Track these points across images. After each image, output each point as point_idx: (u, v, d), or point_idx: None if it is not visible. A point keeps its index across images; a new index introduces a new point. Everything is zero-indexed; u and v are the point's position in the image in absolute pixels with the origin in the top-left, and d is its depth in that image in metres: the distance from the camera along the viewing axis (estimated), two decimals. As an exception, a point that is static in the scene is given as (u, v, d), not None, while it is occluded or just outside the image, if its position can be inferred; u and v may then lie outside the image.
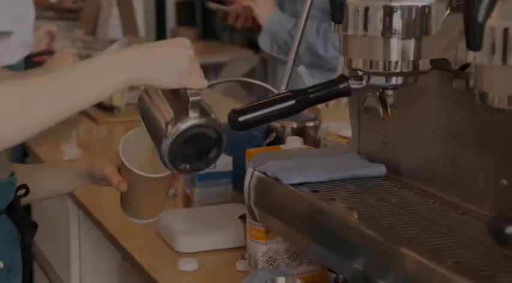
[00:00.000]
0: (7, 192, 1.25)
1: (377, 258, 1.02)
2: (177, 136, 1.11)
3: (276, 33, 2.44)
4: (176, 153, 1.13)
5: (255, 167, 1.29)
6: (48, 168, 1.43)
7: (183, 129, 1.11)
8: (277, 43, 2.45)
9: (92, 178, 1.35)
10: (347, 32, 1.09)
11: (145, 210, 1.32)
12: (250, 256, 1.36)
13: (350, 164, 1.28)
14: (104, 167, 1.30)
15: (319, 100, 1.11)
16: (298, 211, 1.17)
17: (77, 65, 1.09)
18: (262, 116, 1.10)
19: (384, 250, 1.00)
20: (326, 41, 2.37)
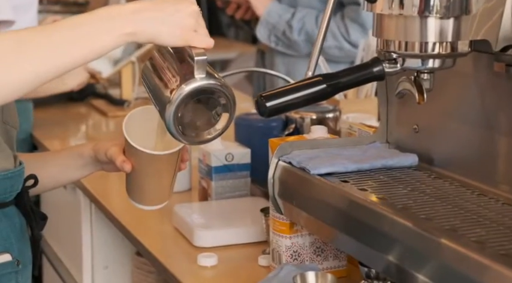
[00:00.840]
0: (14, 182, 1.20)
1: (415, 250, 0.96)
2: (182, 99, 1.01)
3: (274, 25, 2.39)
4: (182, 119, 1.02)
5: (280, 157, 1.23)
6: (51, 156, 1.38)
7: (188, 91, 1.00)
8: (275, 34, 2.40)
9: (97, 164, 1.29)
10: (381, 11, 1.03)
11: (151, 194, 1.24)
12: (274, 250, 1.30)
13: (379, 154, 1.22)
14: (108, 149, 1.24)
15: (351, 84, 1.06)
16: (327, 203, 1.11)
17: (75, 18, 0.99)
18: (291, 101, 1.04)
19: (424, 242, 0.94)
20: (301, 27, 2.33)
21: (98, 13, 0.99)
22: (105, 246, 1.81)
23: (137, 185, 1.23)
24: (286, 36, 2.37)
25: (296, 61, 2.39)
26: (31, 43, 0.96)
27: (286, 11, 2.38)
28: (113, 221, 1.63)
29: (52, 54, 0.96)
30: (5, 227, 1.19)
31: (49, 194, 1.42)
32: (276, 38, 2.40)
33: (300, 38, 2.35)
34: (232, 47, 5.33)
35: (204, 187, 1.65)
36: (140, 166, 1.20)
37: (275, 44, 2.40)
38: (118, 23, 0.98)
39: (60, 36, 0.97)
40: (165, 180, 1.22)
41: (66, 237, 1.94)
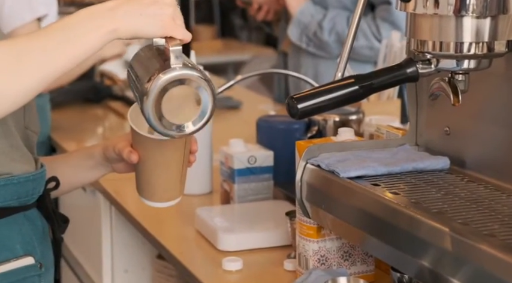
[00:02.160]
0: (36, 185, 1.19)
1: (452, 255, 0.93)
2: (159, 88, 0.99)
3: (306, 25, 2.37)
4: (161, 111, 1.01)
5: (307, 160, 1.21)
6: (64, 158, 1.36)
7: (164, 79, 0.99)
8: (307, 35, 2.38)
9: (107, 164, 1.28)
10: (415, 10, 1.00)
11: (160, 188, 1.20)
12: (300, 255, 1.27)
13: (409, 157, 1.20)
14: (115, 144, 1.23)
15: (384, 86, 1.03)
16: (359, 206, 1.09)
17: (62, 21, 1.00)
18: (322, 103, 1.02)
19: (462, 248, 0.92)
20: (332, 28, 2.30)
21: (80, 14, 1.00)
22: (125, 250, 1.80)
23: (145, 179, 1.20)
24: (317, 36, 2.35)
25: (325, 63, 2.36)
26: (28, 52, 0.98)
27: (318, 11, 2.35)
28: (134, 224, 1.61)
29: (48, 59, 0.98)
30: (28, 230, 1.18)
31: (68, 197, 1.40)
32: (307, 38, 2.37)
33: (331, 38, 2.32)
34: (246, 49, 5.32)
35: (226, 190, 1.63)
36: (147, 156, 1.17)
37: (306, 45, 2.38)
38: (99, 22, 0.99)
39: (51, 42, 0.99)
40: (174, 172, 1.19)
41: (85, 240, 1.92)
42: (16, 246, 1.15)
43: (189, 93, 1.02)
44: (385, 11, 2.25)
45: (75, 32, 0.98)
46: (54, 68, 0.99)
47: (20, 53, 0.97)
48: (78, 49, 0.99)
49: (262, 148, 1.63)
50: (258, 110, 2.50)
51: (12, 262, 1.14)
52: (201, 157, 1.68)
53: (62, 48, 0.98)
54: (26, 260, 1.16)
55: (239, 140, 1.62)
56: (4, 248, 1.14)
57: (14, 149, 1.17)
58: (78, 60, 1.00)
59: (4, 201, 1.14)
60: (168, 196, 1.21)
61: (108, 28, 0.99)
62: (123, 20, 1.00)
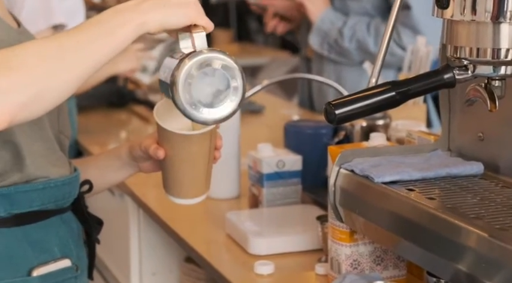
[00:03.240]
0: (72, 188, 1.21)
1: (490, 260, 0.94)
2: (185, 72, 1.01)
3: (326, 32, 2.37)
4: (192, 96, 1.01)
5: (341, 165, 1.22)
6: (91, 160, 1.38)
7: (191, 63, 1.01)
8: (328, 42, 2.38)
9: (134, 164, 1.29)
10: (452, 17, 1.01)
11: (186, 184, 1.21)
12: (333, 259, 1.28)
13: (442, 162, 1.21)
14: (141, 142, 1.24)
15: (420, 92, 1.04)
16: (394, 211, 1.10)
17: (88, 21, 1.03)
18: (360, 109, 1.03)
19: (500, 252, 0.92)
20: (377, 37, 2.30)
21: (108, 12, 1.03)
22: (153, 252, 1.81)
23: (171, 175, 1.21)
24: (338, 43, 2.35)
25: (347, 69, 2.37)
26: (68, 47, 0.99)
27: (339, 18, 2.35)
28: (163, 227, 1.62)
29: (86, 54, 1.00)
30: (64, 233, 1.20)
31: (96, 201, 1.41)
32: (328, 46, 2.37)
33: (351, 45, 2.33)
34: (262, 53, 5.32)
35: (254, 194, 1.64)
36: (173, 152, 1.18)
37: (328, 52, 2.38)
38: (128, 17, 1.02)
39: (88, 37, 1.00)
40: (199, 168, 1.19)
41: (113, 243, 1.94)
42: (54, 248, 1.17)
43: (218, 75, 1.03)
44: (405, 16, 2.25)
45: (108, 26, 1.01)
46: (93, 62, 1.00)
47: (62, 48, 0.99)
48: (113, 43, 1.01)
49: (291, 153, 1.64)
50: (280, 115, 2.51)
51: (50, 265, 1.16)
52: (229, 161, 1.70)
53: (98, 42, 1.00)
54: (63, 262, 1.18)
55: (267, 145, 1.63)
56: (42, 250, 1.16)
57: (51, 153, 1.18)
58: (113, 54, 1.02)
59: (42, 204, 1.16)
60: (194, 193, 1.22)
61: (137, 22, 1.02)
62: (150, 13, 1.02)
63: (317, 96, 2.48)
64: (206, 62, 1.02)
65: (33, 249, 1.15)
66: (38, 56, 0.97)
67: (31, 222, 1.15)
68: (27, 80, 0.95)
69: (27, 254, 1.14)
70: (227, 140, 1.67)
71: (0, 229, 1.13)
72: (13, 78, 0.95)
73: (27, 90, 0.95)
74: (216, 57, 1.02)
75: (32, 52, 0.97)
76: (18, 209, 1.14)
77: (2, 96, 0.94)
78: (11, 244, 1.13)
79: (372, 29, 2.32)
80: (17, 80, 0.95)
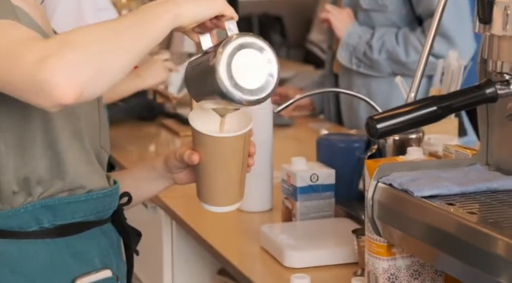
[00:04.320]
0: (112, 200, 1.23)
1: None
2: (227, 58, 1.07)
3: (354, 46, 2.38)
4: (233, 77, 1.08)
5: (379, 179, 1.22)
6: (126, 172, 1.40)
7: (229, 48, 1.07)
8: (356, 56, 2.39)
9: (169, 176, 1.30)
10: (494, 32, 1.02)
11: (220, 191, 1.22)
12: (370, 272, 1.28)
13: (481, 176, 1.21)
14: (176, 151, 1.26)
15: (462, 106, 1.05)
16: (434, 225, 1.10)
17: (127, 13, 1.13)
18: (401, 123, 1.04)
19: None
20: (407, 46, 2.30)
21: (146, 5, 1.11)
22: (186, 265, 1.82)
23: (205, 181, 1.22)
24: (367, 56, 2.35)
25: (376, 82, 2.38)
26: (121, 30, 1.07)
27: (365, 31, 2.36)
28: (196, 239, 1.63)
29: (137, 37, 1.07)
30: (105, 244, 1.22)
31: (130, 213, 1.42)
32: (357, 60, 2.38)
33: (381, 57, 2.33)
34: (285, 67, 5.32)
35: (287, 207, 1.65)
36: (207, 156, 1.19)
37: (357, 66, 2.38)
38: (164, 8, 1.10)
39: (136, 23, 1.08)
40: (233, 173, 1.20)
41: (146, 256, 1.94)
42: (95, 259, 1.19)
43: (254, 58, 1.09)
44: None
45: (147, 16, 1.08)
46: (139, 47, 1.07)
47: (115, 31, 1.06)
48: (155, 30, 1.08)
49: (324, 167, 1.65)
50: (308, 128, 2.52)
51: (92, 275, 1.17)
52: (262, 174, 1.71)
53: (142, 28, 1.07)
54: (104, 273, 1.19)
55: (301, 158, 1.64)
56: (84, 261, 1.17)
57: (89, 164, 1.21)
58: (154, 43, 1.08)
59: (84, 215, 1.18)
60: (227, 201, 1.23)
61: (173, 13, 1.09)
62: (183, 5, 1.10)
63: (347, 110, 2.48)
64: (242, 45, 1.08)
65: (75, 259, 1.16)
66: (98, 37, 1.04)
67: (73, 233, 1.17)
68: (92, 57, 1.02)
69: (70, 265, 1.16)
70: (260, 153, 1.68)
71: (44, 240, 1.15)
72: (80, 54, 1.01)
73: (92, 66, 1.01)
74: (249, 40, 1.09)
75: (92, 33, 1.04)
76: (62, 220, 1.16)
77: (73, 69, 1.00)
78: (54, 255, 1.15)
79: (400, 38, 2.32)
80: (84, 56, 1.01)
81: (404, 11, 2.34)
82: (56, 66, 0.99)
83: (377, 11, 2.36)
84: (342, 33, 2.39)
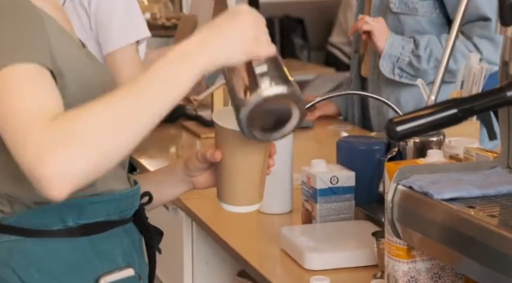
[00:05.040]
0: (134, 200, 1.24)
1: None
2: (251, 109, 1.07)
3: (398, 57, 2.34)
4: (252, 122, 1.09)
5: (399, 181, 1.22)
6: (147, 175, 1.42)
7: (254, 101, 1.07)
8: (399, 67, 2.34)
9: (189, 179, 1.31)
10: (516, 35, 1.02)
11: (240, 190, 1.22)
12: (389, 275, 1.28)
13: (502, 179, 1.20)
14: (198, 152, 1.27)
15: (483, 109, 1.04)
16: (454, 228, 1.10)
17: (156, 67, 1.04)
18: (421, 126, 1.04)
19: None
20: (455, 53, 2.26)
21: (169, 57, 1.05)
22: (206, 267, 1.83)
23: (226, 181, 1.23)
24: (413, 66, 2.31)
25: (406, 89, 2.34)
26: (129, 107, 1.02)
27: (407, 41, 2.32)
28: (216, 241, 1.64)
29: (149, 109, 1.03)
30: (128, 243, 1.23)
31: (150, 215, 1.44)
32: (400, 70, 2.33)
33: (430, 66, 2.29)
34: (307, 69, 5.34)
35: (307, 209, 1.65)
36: (229, 153, 1.20)
37: (399, 77, 2.34)
38: (189, 61, 1.04)
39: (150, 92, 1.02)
40: (254, 173, 1.21)
41: (167, 257, 1.95)
42: (118, 258, 1.20)
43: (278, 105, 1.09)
44: (481, 27, 2.22)
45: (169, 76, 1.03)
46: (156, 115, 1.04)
47: (122, 109, 1.01)
48: (176, 93, 1.03)
49: (344, 169, 1.65)
50: (328, 130, 2.52)
51: (115, 274, 1.19)
52: (282, 176, 1.72)
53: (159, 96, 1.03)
54: (127, 271, 1.20)
55: (321, 161, 1.64)
56: (108, 260, 1.19)
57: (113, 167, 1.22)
58: (176, 101, 1.05)
59: (108, 215, 1.19)
60: (246, 201, 1.24)
61: (199, 64, 1.04)
62: (212, 54, 1.05)
63: (376, 115, 2.45)
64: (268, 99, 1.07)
65: (99, 258, 1.18)
66: (106, 123, 1.00)
67: (97, 232, 1.18)
68: (95, 150, 0.99)
69: (93, 263, 1.17)
70: (280, 155, 1.68)
71: (69, 239, 1.16)
72: (82, 150, 0.98)
73: (94, 159, 0.99)
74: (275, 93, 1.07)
75: (101, 120, 1.00)
76: (86, 220, 1.17)
77: (71, 168, 0.98)
78: (78, 254, 1.17)
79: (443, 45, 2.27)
80: (86, 152, 0.98)
81: (434, 15, 2.31)
82: (55, 167, 0.97)
83: (407, 14, 2.34)
84: (383, 44, 2.35)
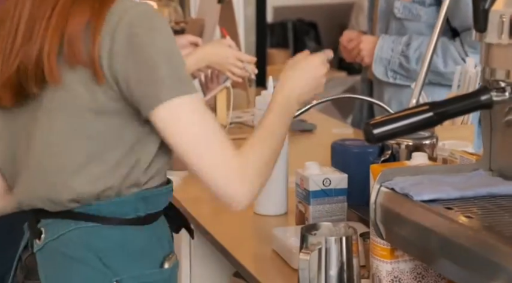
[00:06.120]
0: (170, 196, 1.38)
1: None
2: None
3: (389, 60, 2.37)
4: None
5: (382, 183, 1.25)
6: None
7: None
8: (391, 69, 2.38)
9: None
10: (490, 40, 1.04)
11: None
12: (374, 275, 1.31)
13: (483, 181, 1.23)
14: None
15: (458, 113, 1.07)
16: (431, 229, 1.12)
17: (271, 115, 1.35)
18: (397, 128, 1.07)
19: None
20: (445, 56, 2.30)
21: (281, 105, 1.36)
22: (203, 267, 1.86)
23: None
24: (404, 67, 2.34)
25: (407, 91, 2.35)
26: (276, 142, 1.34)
27: (397, 42, 2.35)
28: (212, 242, 1.67)
29: (281, 143, 1.35)
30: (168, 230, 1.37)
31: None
32: (393, 72, 2.37)
33: (419, 66, 2.31)
34: (319, 72, 5.35)
35: (301, 211, 1.68)
36: None
37: (393, 79, 2.38)
38: (293, 108, 1.39)
39: (275, 143, 1.34)
40: None
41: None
42: (168, 244, 1.35)
43: None
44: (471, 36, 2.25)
45: (283, 129, 1.35)
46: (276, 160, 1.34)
47: (276, 144, 1.33)
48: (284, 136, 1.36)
49: (337, 171, 1.68)
50: (331, 134, 2.54)
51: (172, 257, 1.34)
52: (277, 179, 1.74)
53: (279, 145, 1.34)
54: (174, 257, 1.35)
55: (314, 163, 1.67)
56: (163, 245, 1.33)
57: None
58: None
59: (163, 205, 1.34)
60: None
61: (295, 109, 1.40)
62: (299, 99, 1.39)
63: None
64: None
65: (159, 243, 1.32)
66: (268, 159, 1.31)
67: (153, 221, 1.32)
68: (266, 177, 1.30)
69: (157, 248, 1.32)
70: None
71: (137, 227, 1.30)
72: (261, 179, 1.29)
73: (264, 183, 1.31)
74: None
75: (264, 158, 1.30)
76: (151, 210, 1.31)
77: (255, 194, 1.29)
78: (146, 240, 1.30)
79: (439, 49, 2.30)
80: (263, 180, 1.30)
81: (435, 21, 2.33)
82: (245, 195, 1.26)
83: (410, 20, 2.37)
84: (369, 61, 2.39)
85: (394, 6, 2.38)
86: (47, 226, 1.29)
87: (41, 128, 1.27)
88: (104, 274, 1.26)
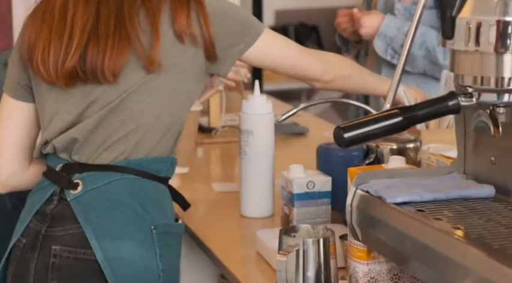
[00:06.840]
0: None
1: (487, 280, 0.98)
2: None
3: (392, 38, 2.38)
4: None
5: (357, 186, 1.27)
6: None
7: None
8: (392, 48, 2.38)
9: None
10: (457, 47, 1.07)
11: None
12: (351, 276, 1.34)
13: (456, 184, 1.25)
14: None
15: (427, 117, 1.09)
16: (403, 231, 1.15)
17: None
18: (367, 132, 1.09)
19: (496, 273, 0.97)
20: (446, 49, 2.30)
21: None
22: (191, 268, 1.88)
23: None
24: None
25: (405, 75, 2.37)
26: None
27: (404, 23, 2.35)
28: (198, 244, 1.70)
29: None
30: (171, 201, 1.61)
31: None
32: (393, 51, 2.38)
33: (420, 52, 2.32)
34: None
35: (286, 213, 1.70)
36: None
37: (391, 57, 2.38)
38: None
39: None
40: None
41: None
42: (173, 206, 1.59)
43: None
44: None
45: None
46: None
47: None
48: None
49: (321, 174, 1.70)
50: (323, 137, 2.56)
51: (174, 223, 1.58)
52: (263, 181, 1.77)
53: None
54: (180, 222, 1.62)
55: (299, 166, 1.70)
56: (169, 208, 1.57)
57: None
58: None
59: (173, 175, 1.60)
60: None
61: None
62: None
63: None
64: None
65: (172, 203, 1.59)
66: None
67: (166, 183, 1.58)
68: None
69: (172, 206, 1.59)
70: (262, 159, 1.75)
71: (162, 185, 1.56)
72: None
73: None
74: None
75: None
76: (171, 174, 1.58)
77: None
78: (168, 197, 1.58)
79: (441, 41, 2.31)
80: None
81: (437, 25, 2.35)
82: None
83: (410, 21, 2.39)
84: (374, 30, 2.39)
85: (394, 7, 2.40)
86: (86, 178, 1.50)
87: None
88: (144, 219, 1.49)
